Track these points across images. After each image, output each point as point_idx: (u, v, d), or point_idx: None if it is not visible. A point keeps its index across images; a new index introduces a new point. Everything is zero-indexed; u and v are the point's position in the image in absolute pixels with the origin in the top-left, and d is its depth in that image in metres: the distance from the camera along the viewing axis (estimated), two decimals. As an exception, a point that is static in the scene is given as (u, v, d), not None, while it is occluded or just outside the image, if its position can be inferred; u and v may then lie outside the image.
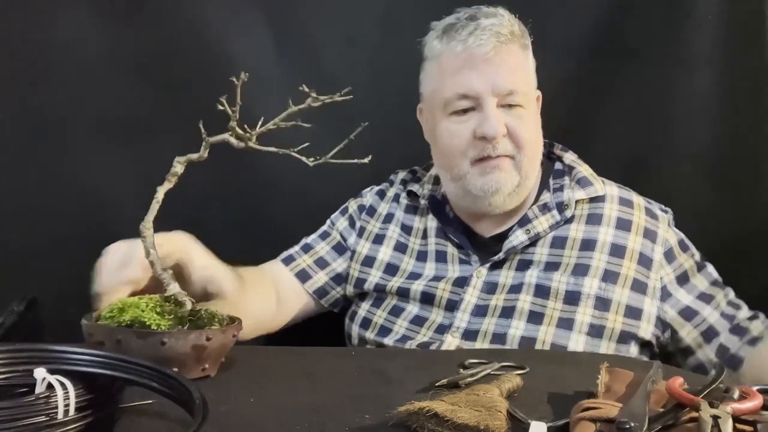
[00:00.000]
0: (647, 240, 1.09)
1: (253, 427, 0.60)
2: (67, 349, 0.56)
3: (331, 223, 1.28)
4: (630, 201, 1.14)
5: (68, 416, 0.51)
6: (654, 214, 1.13)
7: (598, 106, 1.37)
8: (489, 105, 1.05)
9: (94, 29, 1.30)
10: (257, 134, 0.78)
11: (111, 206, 1.30)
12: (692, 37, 1.30)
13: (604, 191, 1.13)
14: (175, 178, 0.79)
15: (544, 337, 1.03)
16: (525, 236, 1.10)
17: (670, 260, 1.09)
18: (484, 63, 1.05)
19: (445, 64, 1.09)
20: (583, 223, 1.11)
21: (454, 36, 1.08)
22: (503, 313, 1.06)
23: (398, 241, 1.20)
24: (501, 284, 1.09)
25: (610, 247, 1.08)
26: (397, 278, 1.16)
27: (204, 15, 1.33)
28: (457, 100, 1.07)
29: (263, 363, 0.84)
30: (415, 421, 0.56)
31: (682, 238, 1.12)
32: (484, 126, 1.05)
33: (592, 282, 1.05)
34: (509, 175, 1.08)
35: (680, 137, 1.33)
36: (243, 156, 0.82)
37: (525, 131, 1.08)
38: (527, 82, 1.12)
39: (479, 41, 1.05)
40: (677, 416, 0.53)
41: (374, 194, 1.27)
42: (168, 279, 0.78)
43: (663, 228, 1.11)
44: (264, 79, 1.28)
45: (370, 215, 1.25)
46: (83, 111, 1.30)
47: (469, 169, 1.08)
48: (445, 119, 1.10)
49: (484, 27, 1.06)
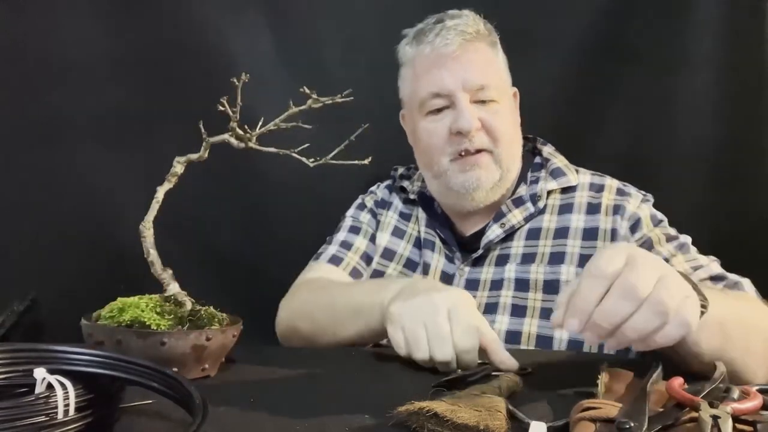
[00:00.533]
0: (616, 216, 1.08)
1: (253, 427, 0.60)
2: (67, 349, 0.56)
3: (354, 218, 1.26)
4: (602, 185, 1.14)
5: (68, 416, 0.51)
6: (625, 193, 1.12)
7: (598, 106, 1.37)
8: (461, 101, 1.08)
9: (94, 29, 1.30)
10: (257, 135, 0.79)
11: (111, 206, 1.30)
12: (692, 38, 1.30)
13: (577, 181, 1.14)
14: (175, 178, 0.79)
15: (529, 330, 1.04)
16: (500, 230, 1.12)
17: (634, 231, 1.06)
18: (452, 61, 1.08)
19: (417, 66, 1.13)
20: (555, 213, 1.13)
21: (422, 39, 1.12)
22: (487, 309, 1.08)
23: (396, 226, 1.23)
24: (483, 280, 1.11)
25: (583, 232, 1.09)
26: (395, 264, 1.18)
27: (204, 15, 1.33)
28: (431, 99, 1.10)
29: (263, 363, 0.84)
30: (415, 421, 0.56)
31: (656, 215, 1.09)
32: (458, 121, 1.07)
33: (568, 269, 1.06)
34: (489, 171, 1.10)
35: (680, 137, 1.33)
36: (243, 156, 0.82)
37: (500, 124, 1.10)
38: (498, 78, 1.14)
39: (446, 41, 1.09)
40: (677, 416, 0.53)
41: (384, 188, 1.29)
42: (168, 279, 0.78)
43: (633, 204, 1.09)
44: (264, 79, 1.28)
45: (384, 208, 1.26)
46: (83, 111, 1.30)
47: (448, 166, 1.10)
48: (423, 119, 1.13)
49: (449, 27, 1.10)
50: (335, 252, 1.21)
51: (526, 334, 1.04)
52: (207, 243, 1.38)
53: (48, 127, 1.29)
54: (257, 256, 1.39)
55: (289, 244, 1.38)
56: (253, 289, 1.34)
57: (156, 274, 0.78)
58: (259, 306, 1.25)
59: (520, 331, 1.04)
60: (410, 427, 0.56)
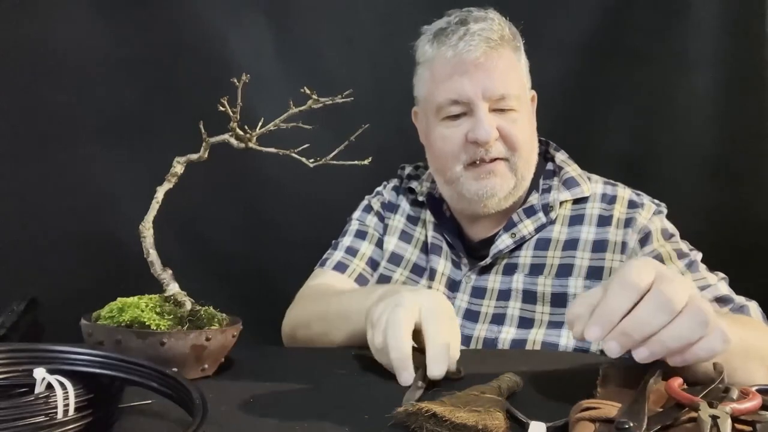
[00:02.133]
0: (627, 228, 1.07)
1: (253, 427, 0.60)
2: (66, 349, 0.56)
3: (360, 222, 1.25)
4: (614, 197, 1.12)
5: (68, 416, 0.51)
6: (637, 204, 1.10)
7: (598, 106, 1.38)
8: (481, 110, 1.05)
9: (94, 30, 1.30)
10: (257, 135, 0.79)
11: (111, 206, 1.30)
12: (692, 38, 1.30)
13: (590, 191, 1.12)
14: (175, 178, 0.79)
15: (534, 338, 1.03)
16: (510, 240, 1.10)
17: (644, 244, 1.04)
18: (474, 68, 1.04)
19: (437, 69, 1.09)
20: (566, 225, 1.11)
21: (444, 41, 1.07)
22: (495, 320, 1.07)
23: (403, 230, 1.21)
24: (489, 289, 1.10)
25: (593, 245, 1.07)
26: (402, 269, 1.17)
27: (204, 16, 1.33)
28: (449, 106, 1.07)
29: (263, 363, 0.84)
30: (414, 421, 0.56)
31: (667, 228, 1.07)
32: (476, 131, 1.04)
33: (576, 282, 1.05)
34: (504, 179, 1.07)
35: (680, 137, 1.33)
36: (243, 157, 0.82)
37: (518, 133, 1.07)
38: (520, 85, 1.10)
39: (469, 46, 1.04)
40: (676, 416, 0.53)
41: (390, 190, 1.27)
42: (168, 279, 0.78)
43: (644, 215, 1.07)
44: (265, 80, 1.28)
45: (391, 211, 1.24)
46: (83, 111, 1.30)
47: (462, 173, 1.08)
48: (438, 124, 1.10)
49: (474, 32, 1.05)
50: (340, 259, 1.20)
51: (531, 341, 1.03)
52: (207, 243, 1.38)
53: (48, 127, 1.29)
54: (257, 256, 1.39)
55: (289, 244, 1.38)
56: (253, 289, 1.35)
57: (156, 274, 0.78)
58: (259, 306, 1.26)
59: (526, 339, 1.03)
60: (409, 427, 0.56)
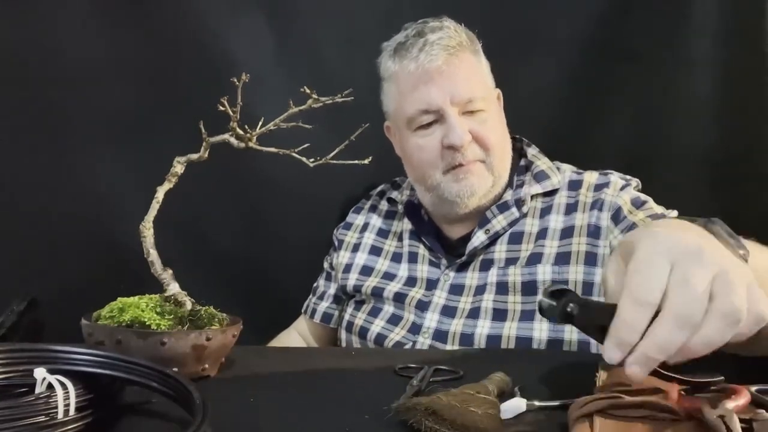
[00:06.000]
0: (594, 210, 1.08)
1: (253, 427, 0.60)
2: (67, 349, 0.56)
3: (327, 262, 1.34)
4: (579, 182, 1.14)
5: (68, 416, 0.51)
6: (602, 184, 1.10)
7: (598, 106, 1.37)
8: (451, 115, 1.08)
9: (94, 30, 1.30)
10: (257, 135, 0.79)
11: (111, 206, 1.30)
12: (692, 38, 1.30)
13: (560, 183, 1.14)
14: (175, 178, 0.79)
15: (508, 333, 1.04)
16: (485, 236, 1.12)
17: (617, 221, 1.04)
18: (438, 76, 1.08)
19: (402, 83, 1.12)
20: (537, 217, 1.13)
21: (405, 55, 1.11)
22: (470, 314, 1.08)
23: (373, 245, 1.26)
24: (467, 286, 1.12)
25: (561, 233, 1.09)
26: (373, 278, 1.21)
27: (204, 15, 1.33)
28: (420, 116, 1.10)
29: (263, 363, 0.84)
30: (412, 416, 0.56)
31: (638, 197, 1.07)
32: (450, 136, 1.08)
33: (544, 268, 1.06)
34: (481, 178, 1.11)
35: (680, 137, 1.33)
36: (243, 157, 0.82)
37: (490, 133, 1.10)
38: (484, 86, 1.14)
39: (430, 56, 1.08)
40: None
41: (351, 212, 1.33)
42: (168, 279, 0.78)
43: (611, 193, 1.08)
44: (264, 79, 1.28)
45: (347, 229, 1.31)
46: (83, 111, 1.30)
47: (442, 179, 1.11)
48: (412, 135, 1.13)
49: (432, 41, 1.09)
50: (310, 303, 1.32)
51: (505, 337, 1.04)
52: (207, 243, 1.37)
53: (48, 127, 1.29)
54: (257, 256, 1.39)
55: (289, 244, 1.38)
56: (253, 289, 1.34)
57: (156, 274, 0.78)
58: (259, 306, 1.26)
59: (500, 335, 1.04)
60: (409, 427, 0.56)
